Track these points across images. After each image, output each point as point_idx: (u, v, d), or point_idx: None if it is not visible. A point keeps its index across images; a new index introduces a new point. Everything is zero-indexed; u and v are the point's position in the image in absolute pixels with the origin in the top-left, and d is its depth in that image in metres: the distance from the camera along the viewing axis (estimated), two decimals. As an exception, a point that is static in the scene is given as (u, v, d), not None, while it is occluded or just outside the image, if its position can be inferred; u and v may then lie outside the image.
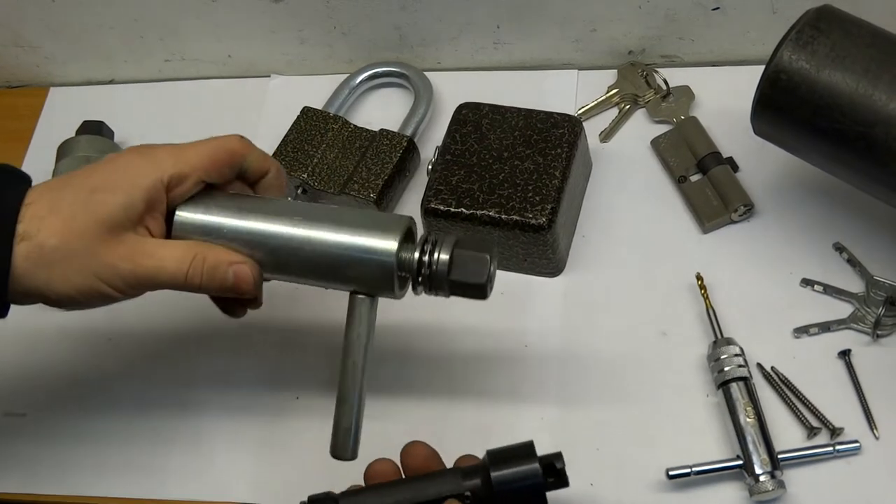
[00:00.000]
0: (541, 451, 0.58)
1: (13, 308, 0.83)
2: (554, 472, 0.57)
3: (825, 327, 0.71)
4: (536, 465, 0.57)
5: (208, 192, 0.62)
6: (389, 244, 0.59)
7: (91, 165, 0.61)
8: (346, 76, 0.89)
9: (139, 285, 0.59)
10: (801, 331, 0.71)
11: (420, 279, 0.60)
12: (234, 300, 0.65)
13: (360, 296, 0.61)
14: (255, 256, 0.60)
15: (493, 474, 0.57)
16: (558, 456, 0.58)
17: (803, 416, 0.68)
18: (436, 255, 0.59)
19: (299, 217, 0.60)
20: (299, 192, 0.82)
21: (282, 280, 0.63)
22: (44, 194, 0.58)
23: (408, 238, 0.61)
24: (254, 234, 0.60)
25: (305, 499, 0.59)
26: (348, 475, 0.62)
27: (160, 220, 0.60)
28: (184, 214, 0.61)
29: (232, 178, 0.63)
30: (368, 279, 0.60)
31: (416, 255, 0.60)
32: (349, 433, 0.62)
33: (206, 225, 0.61)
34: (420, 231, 0.64)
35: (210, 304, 0.82)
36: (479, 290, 0.60)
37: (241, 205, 0.61)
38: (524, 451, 0.58)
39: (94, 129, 0.87)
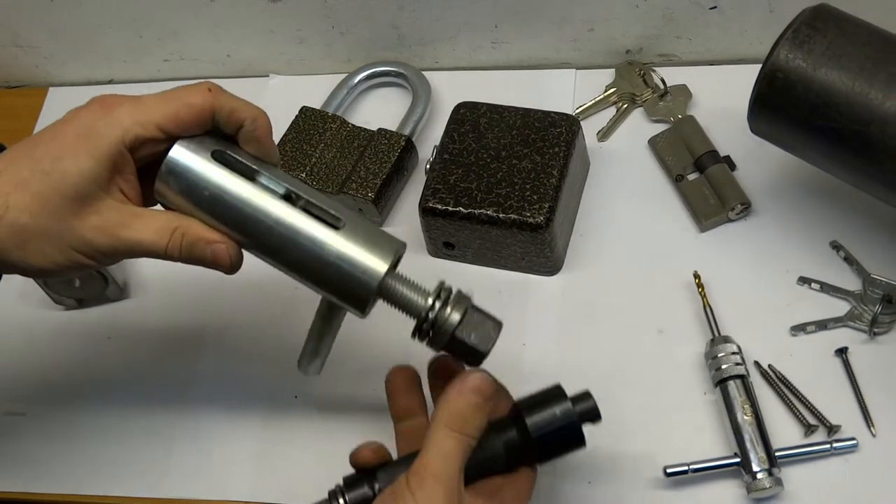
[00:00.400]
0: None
1: (12, 308, 0.84)
2: (586, 408, 0.58)
3: (822, 325, 0.71)
4: (569, 404, 0.57)
5: (201, 141, 0.58)
6: (379, 267, 0.57)
7: (51, 126, 0.57)
8: (344, 76, 0.89)
9: (116, 256, 0.57)
10: (799, 329, 0.71)
11: (423, 326, 0.59)
12: None
13: (330, 304, 0.60)
14: (234, 237, 0.58)
15: (529, 420, 0.57)
16: (587, 394, 0.58)
17: (800, 413, 0.68)
18: (447, 310, 0.58)
19: (286, 214, 0.57)
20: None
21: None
22: (5, 169, 0.55)
23: (395, 264, 0.60)
24: (237, 218, 0.57)
25: (336, 485, 0.59)
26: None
27: (132, 180, 0.57)
28: (166, 180, 0.57)
29: (203, 132, 0.58)
30: (343, 293, 0.58)
31: (430, 301, 0.58)
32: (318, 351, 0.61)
33: (191, 189, 0.57)
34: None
35: (211, 303, 0.82)
36: (478, 356, 0.59)
37: (229, 179, 0.57)
38: (553, 393, 0.58)
39: None
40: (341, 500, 0.58)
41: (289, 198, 0.59)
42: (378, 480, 0.58)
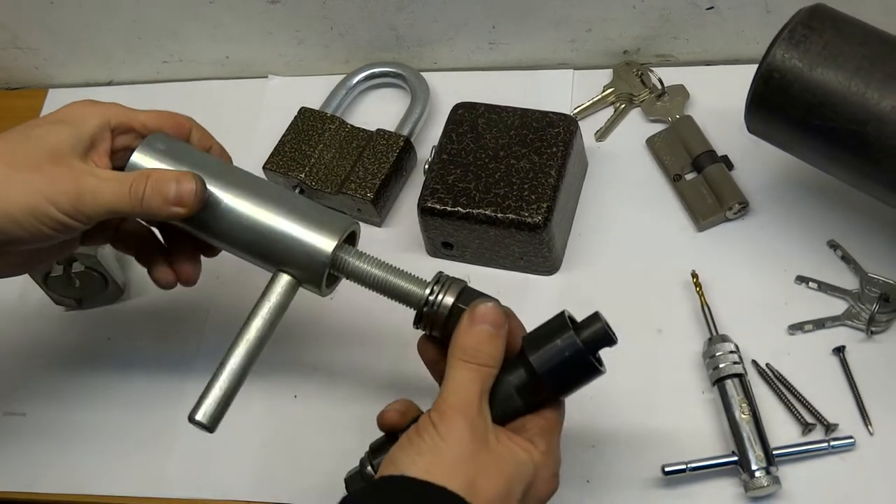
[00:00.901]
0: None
1: (12, 308, 0.84)
2: (595, 334, 0.55)
3: (820, 324, 0.71)
4: (571, 333, 0.55)
5: (171, 144, 0.63)
6: (328, 242, 0.60)
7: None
8: (343, 76, 0.89)
9: (82, 203, 0.58)
10: (796, 328, 0.71)
11: (422, 317, 0.60)
12: (190, 243, 0.66)
13: (286, 276, 0.61)
14: (200, 215, 0.61)
15: (532, 357, 0.55)
16: (595, 316, 0.56)
17: (798, 412, 0.68)
18: (444, 293, 0.59)
19: (253, 190, 0.61)
20: (297, 191, 0.82)
21: (217, 246, 0.64)
22: None
23: (350, 240, 0.62)
24: (213, 174, 0.61)
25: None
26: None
27: (106, 159, 0.61)
28: (139, 155, 0.61)
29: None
30: (301, 268, 0.60)
31: (427, 292, 0.59)
32: (218, 403, 0.61)
33: (172, 152, 0.62)
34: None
35: (210, 303, 0.82)
36: None
37: (197, 159, 0.62)
38: (556, 323, 0.56)
39: None
40: (369, 468, 0.58)
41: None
42: None
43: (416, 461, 0.52)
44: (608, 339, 0.56)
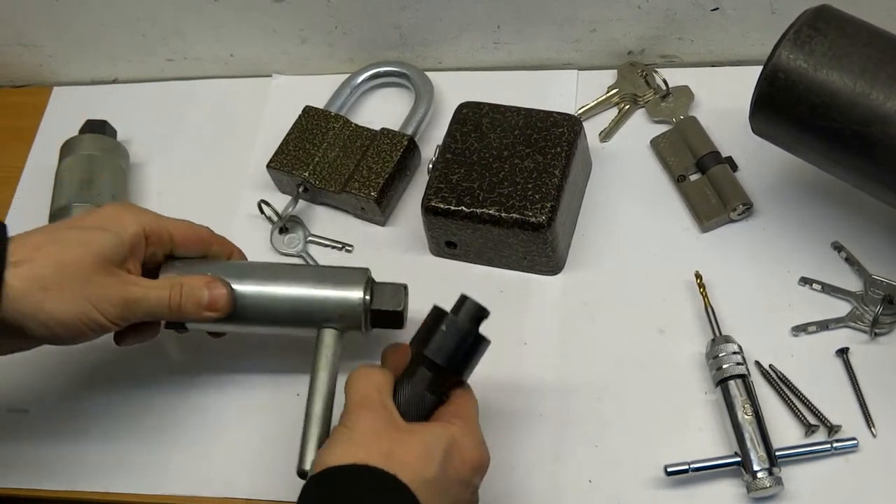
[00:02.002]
0: (543, 443, 0.57)
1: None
2: (469, 312, 0.61)
3: (823, 325, 0.71)
4: (451, 316, 0.60)
5: (191, 259, 0.69)
6: (357, 293, 0.68)
7: (77, 214, 0.67)
8: (347, 76, 0.89)
9: (127, 310, 0.63)
10: (800, 329, 0.71)
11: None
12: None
13: (330, 330, 0.69)
14: (237, 312, 0.68)
15: (427, 352, 0.60)
16: (462, 298, 0.61)
17: (801, 413, 0.68)
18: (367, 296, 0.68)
19: (277, 274, 0.69)
20: (301, 190, 0.82)
21: (251, 333, 0.72)
22: (33, 232, 0.62)
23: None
24: (237, 290, 0.68)
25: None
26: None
27: (139, 267, 0.66)
28: (170, 266, 0.68)
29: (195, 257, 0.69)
30: (341, 320, 0.69)
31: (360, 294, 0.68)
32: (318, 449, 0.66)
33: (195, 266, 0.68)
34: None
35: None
36: (397, 318, 0.69)
37: (221, 266, 0.69)
38: (433, 315, 0.61)
39: (98, 129, 0.87)
40: None
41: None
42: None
43: (333, 452, 0.56)
44: (482, 310, 0.61)
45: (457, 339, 0.60)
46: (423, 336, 0.61)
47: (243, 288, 0.68)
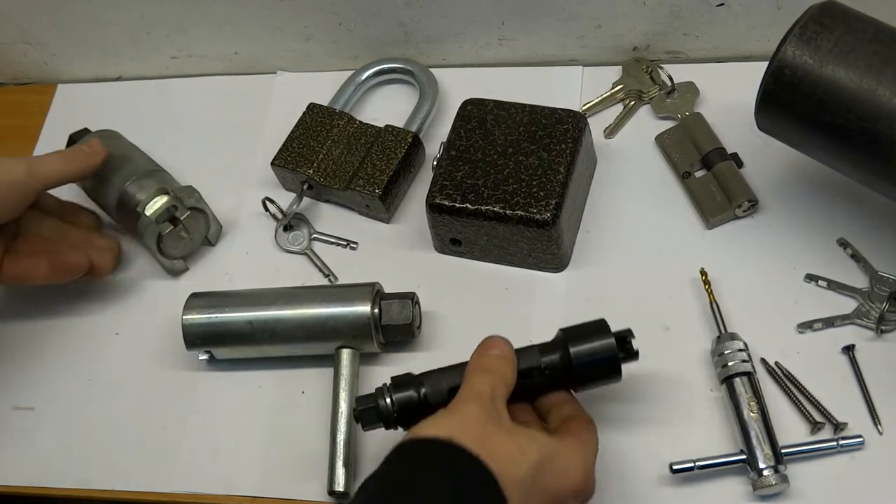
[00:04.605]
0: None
1: (21, 305, 0.84)
2: (625, 346, 0.62)
3: (829, 322, 0.71)
4: (612, 340, 0.62)
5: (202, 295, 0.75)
6: (365, 308, 0.72)
7: None
8: (351, 72, 0.89)
9: (31, 166, 0.74)
10: (805, 326, 0.71)
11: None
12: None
13: (346, 349, 0.72)
14: (258, 338, 0.73)
15: (572, 350, 0.61)
16: (629, 332, 0.63)
17: (807, 411, 0.68)
18: (376, 310, 0.71)
19: (290, 299, 0.73)
20: (305, 187, 0.82)
21: (273, 356, 0.75)
22: None
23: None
24: (257, 319, 0.73)
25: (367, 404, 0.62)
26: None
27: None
28: (189, 318, 0.74)
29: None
30: (354, 338, 0.72)
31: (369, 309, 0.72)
32: (345, 470, 0.69)
33: (212, 321, 0.74)
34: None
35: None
36: (407, 330, 0.72)
37: (236, 296, 0.75)
38: (598, 327, 0.62)
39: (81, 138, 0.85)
40: (388, 399, 0.61)
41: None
42: (424, 386, 0.62)
43: (428, 426, 0.56)
44: (634, 354, 0.63)
45: (602, 362, 0.62)
46: (577, 334, 0.62)
47: (256, 315, 0.72)
